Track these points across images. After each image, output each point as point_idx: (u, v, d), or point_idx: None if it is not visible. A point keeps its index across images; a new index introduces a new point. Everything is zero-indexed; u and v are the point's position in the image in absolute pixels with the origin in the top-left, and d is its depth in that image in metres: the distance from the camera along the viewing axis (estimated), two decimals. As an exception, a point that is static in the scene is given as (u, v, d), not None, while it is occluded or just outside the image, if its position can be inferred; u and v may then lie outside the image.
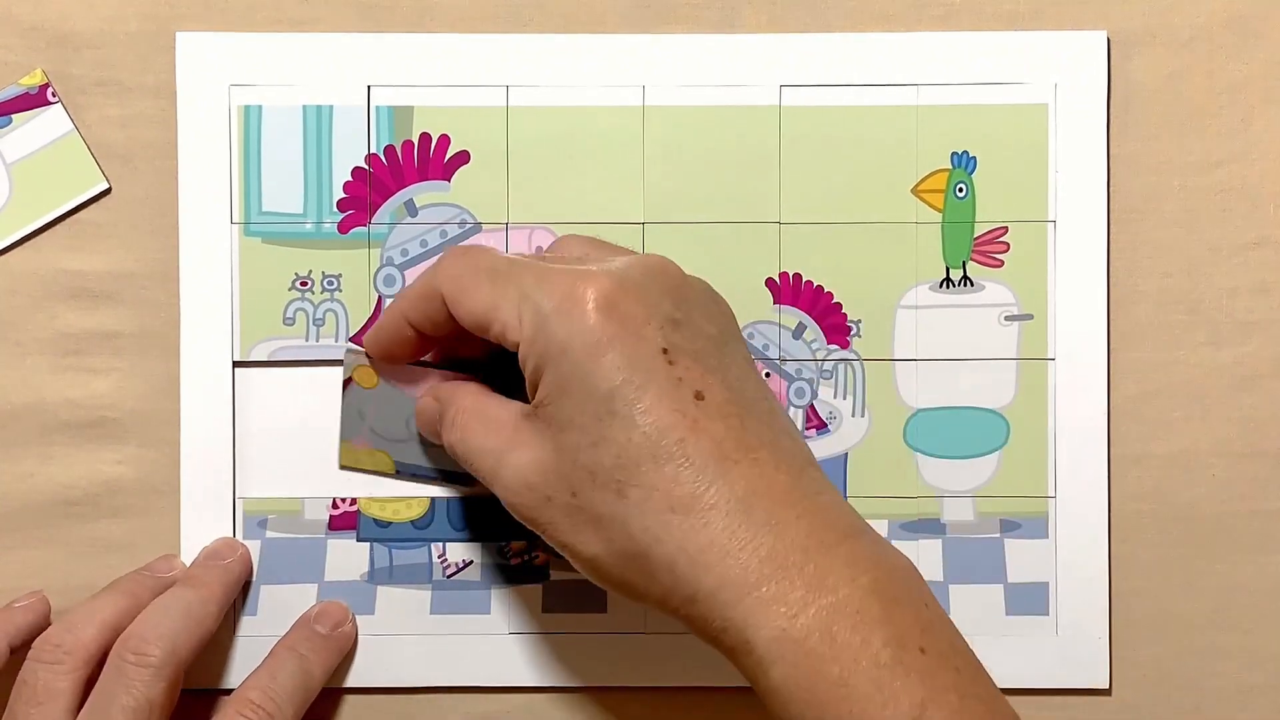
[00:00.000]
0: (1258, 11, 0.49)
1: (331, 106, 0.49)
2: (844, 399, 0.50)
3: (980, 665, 0.41)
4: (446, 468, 0.49)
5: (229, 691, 0.49)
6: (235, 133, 0.49)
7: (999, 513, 0.50)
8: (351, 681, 0.49)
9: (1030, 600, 0.49)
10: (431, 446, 0.49)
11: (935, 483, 0.50)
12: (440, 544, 0.50)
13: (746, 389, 0.42)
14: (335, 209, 0.49)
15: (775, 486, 0.40)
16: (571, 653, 0.49)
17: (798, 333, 0.49)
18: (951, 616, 0.49)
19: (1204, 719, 0.50)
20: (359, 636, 0.49)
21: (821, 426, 0.50)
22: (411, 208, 0.49)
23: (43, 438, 0.49)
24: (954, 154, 0.49)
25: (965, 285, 0.49)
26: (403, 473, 0.49)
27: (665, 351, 0.41)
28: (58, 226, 0.49)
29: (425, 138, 0.49)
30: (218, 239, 0.49)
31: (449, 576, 0.49)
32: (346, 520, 0.49)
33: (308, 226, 0.49)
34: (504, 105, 0.49)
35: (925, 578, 0.49)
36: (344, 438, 0.49)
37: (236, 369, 0.49)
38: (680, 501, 0.40)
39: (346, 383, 0.49)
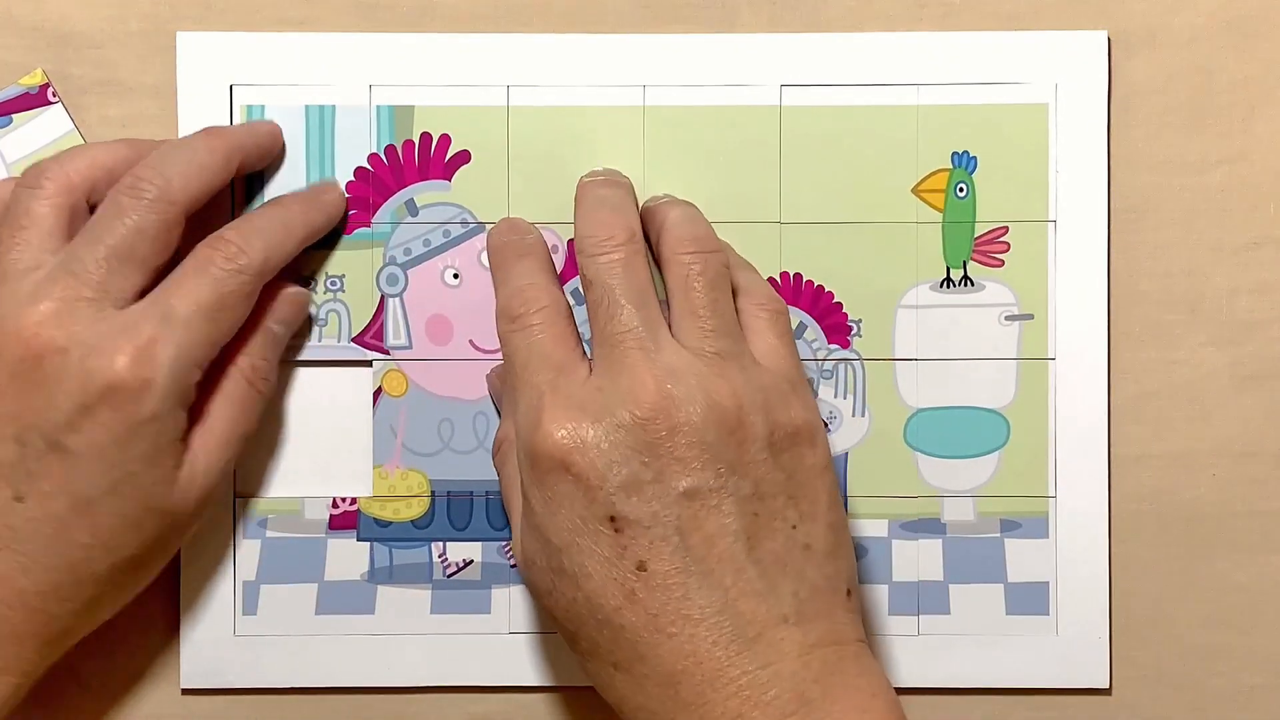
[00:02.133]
0: (1258, 11, 0.49)
1: (334, 106, 0.49)
2: (844, 399, 0.50)
3: None
4: (482, 477, 0.49)
5: (229, 691, 0.49)
6: (236, 132, 0.49)
7: (999, 513, 0.50)
8: (351, 681, 0.49)
9: (1030, 600, 0.49)
10: (465, 457, 0.49)
11: (935, 482, 0.50)
12: (440, 544, 0.49)
13: (716, 548, 0.41)
14: (337, 208, 0.49)
15: (706, 664, 0.40)
16: (572, 653, 0.49)
17: (798, 332, 0.49)
18: (951, 616, 0.49)
19: (1204, 719, 0.50)
20: (359, 636, 0.49)
21: (822, 426, 0.50)
22: (412, 207, 0.49)
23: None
24: (954, 154, 0.49)
25: (965, 285, 0.49)
26: (437, 494, 0.49)
27: (612, 520, 0.41)
28: (58, 226, 0.49)
29: (426, 137, 0.49)
30: (218, 239, 0.49)
31: (449, 576, 0.49)
32: (346, 520, 0.49)
33: (310, 226, 0.49)
34: (504, 105, 0.49)
35: (925, 578, 0.49)
36: (376, 463, 0.49)
37: (237, 369, 0.49)
38: (620, 662, 0.41)
39: (376, 395, 0.49)
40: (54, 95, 0.49)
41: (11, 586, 0.43)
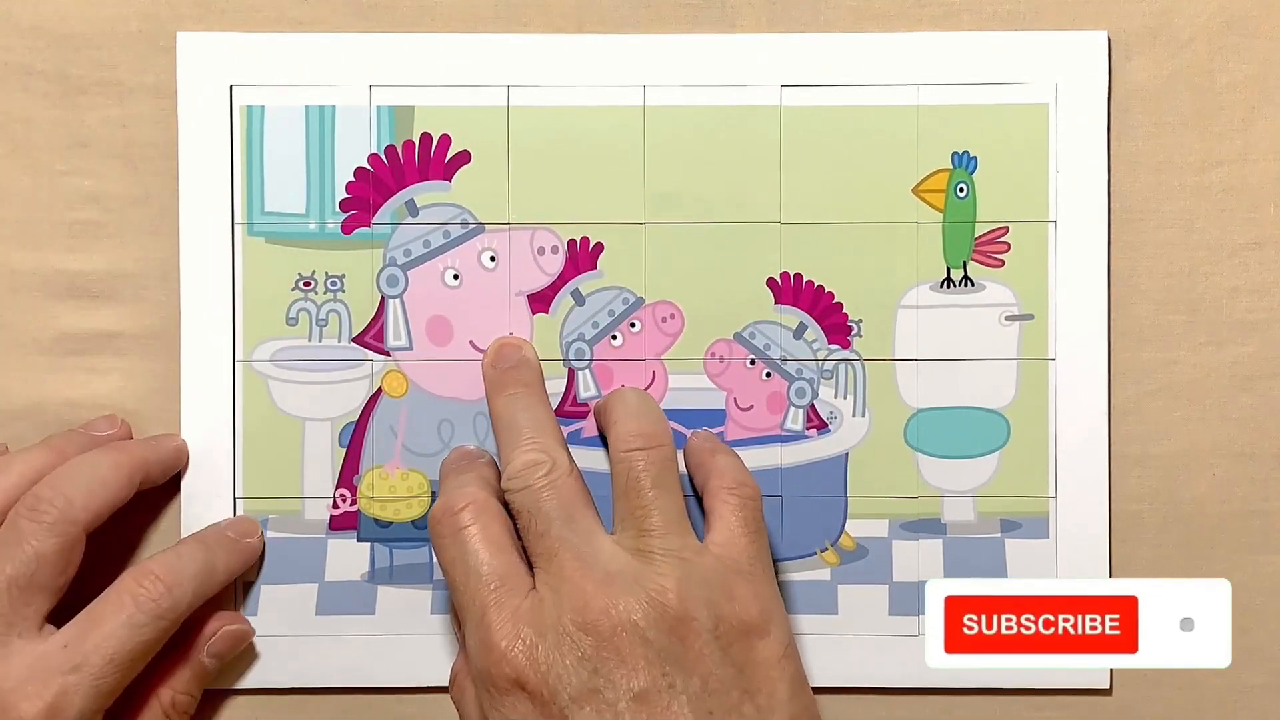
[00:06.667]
0: (1258, 11, 0.49)
1: (334, 107, 0.49)
2: (845, 399, 0.50)
3: None
4: None
5: (228, 691, 0.49)
6: (238, 133, 0.49)
7: (999, 513, 0.50)
8: (351, 682, 0.49)
9: (1030, 600, 0.50)
10: None
11: (935, 483, 0.50)
12: (440, 544, 0.50)
13: None
14: (338, 209, 0.49)
15: None
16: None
17: (798, 333, 0.49)
18: (952, 616, 0.49)
19: (1204, 719, 0.50)
20: (359, 636, 0.49)
21: (822, 426, 0.50)
22: (412, 207, 0.49)
23: (43, 438, 0.49)
24: (954, 154, 0.49)
25: (966, 285, 0.49)
26: (437, 494, 0.49)
27: None
28: (58, 226, 0.49)
29: (426, 137, 0.49)
30: (218, 239, 0.49)
31: (449, 577, 0.49)
32: (346, 520, 0.49)
33: (311, 227, 0.49)
34: (504, 105, 0.49)
35: (925, 578, 0.49)
36: (376, 463, 0.49)
37: (237, 369, 0.49)
38: None
39: (376, 396, 0.49)
40: None
41: None
